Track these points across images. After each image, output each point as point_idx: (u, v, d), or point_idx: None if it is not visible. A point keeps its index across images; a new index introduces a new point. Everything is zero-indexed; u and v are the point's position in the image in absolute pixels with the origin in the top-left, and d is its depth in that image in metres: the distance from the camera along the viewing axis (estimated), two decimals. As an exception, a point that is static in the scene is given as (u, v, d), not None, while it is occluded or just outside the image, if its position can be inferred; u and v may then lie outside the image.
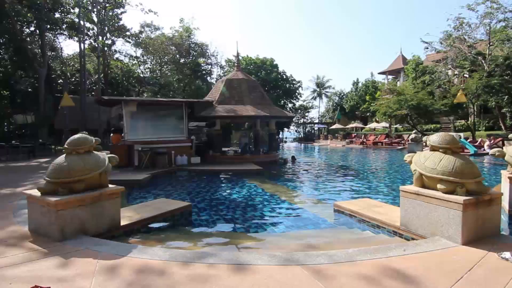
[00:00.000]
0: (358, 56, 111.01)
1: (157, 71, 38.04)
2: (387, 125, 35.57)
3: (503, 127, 25.69)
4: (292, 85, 39.68)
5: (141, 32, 33.58)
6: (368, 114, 42.03)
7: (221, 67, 40.31)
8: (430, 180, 4.08)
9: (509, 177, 5.49)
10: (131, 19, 74.52)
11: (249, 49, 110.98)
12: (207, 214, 6.44)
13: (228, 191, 8.87)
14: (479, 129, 28.10)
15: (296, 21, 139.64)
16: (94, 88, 29.72)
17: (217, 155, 15.08)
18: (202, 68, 38.69)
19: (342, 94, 52.51)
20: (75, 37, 26.64)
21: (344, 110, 48.57)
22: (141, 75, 36.26)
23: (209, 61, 39.41)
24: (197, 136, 18.30)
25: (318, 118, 54.07)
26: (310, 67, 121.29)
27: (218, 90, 16.44)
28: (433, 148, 4.30)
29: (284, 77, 38.97)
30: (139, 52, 35.73)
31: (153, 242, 4.51)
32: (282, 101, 38.70)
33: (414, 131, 24.15)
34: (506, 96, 24.99)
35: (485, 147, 20.52)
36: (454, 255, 3.38)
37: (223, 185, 9.99)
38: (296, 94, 40.83)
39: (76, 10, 25.58)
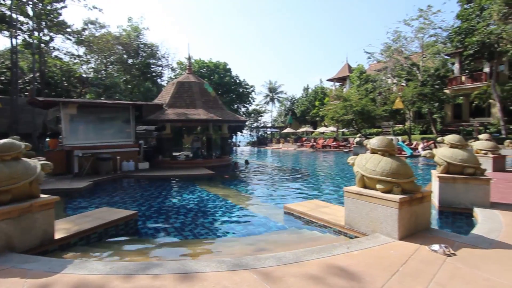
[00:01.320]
0: (308, 64, 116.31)
1: (102, 71, 35.59)
2: (335, 129, 37.61)
3: (434, 131, 28.73)
4: (245, 90, 39.98)
5: (84, 29, 31.14)
6: (317, 118, 44.03)
7: (173, 69, 39.11)
8: (371, 180, 4.36)
9: (438, 176, 6.10)
10: (73, 15, 68.79)
11: (203, 52, 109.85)
12: (155, 222, 6.12)
13: (178, 197, 8.55)
14: (414, 133, 31.09)
15: (249, 28, 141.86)
16: (28, 88, 26.73)
17: (167, 160, 14.52)
18: (152, 69, 37.19)
19: (293, 99, 54.35)
20: (5, 31, 23.73)
21: (295, 114, 50.31)
22: (84, 75, 33.61)
23: (160, 62, 38.04)
24: (145, 140, 17.45)
25: (271, 122, 55.29)
26: (263, 72, 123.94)
27: (168, 92, 15.89)
28: (373, 151, 4.60)
29: (238, 81, 39.13)
30: (81, 50, 33.10)
31: (93, 256, 4.14)
32: (236, 105, 38.79)
33: (358, 135, 25.89)
34: (437, 103, 28.10)
35: (420, 149, 22.71)
36: (392, 250, 3.63)
37: (173, 191, 9.62)
38: (249, 98, 41.23)
39: (8, 1, 22.91)
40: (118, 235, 5.09)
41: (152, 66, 36.90)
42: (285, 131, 43.90)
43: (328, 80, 48.14)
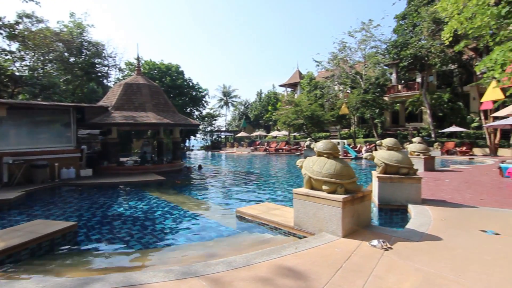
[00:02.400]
0: (262, 69, 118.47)
1: (39, 69, 32.30)
2: (287, 133, 38.78)
3: (375, 135, 31.17)
4: (198, 93, 39.34)
5: (18, 23, 27.93)
6: (270, 122, 45.02)
7: (120, 70, 36.94)
8: (317, 182, 4.57)
9: (377, 176, 6.61)
10: (5, 6, 61.40)
11: (154, 54, 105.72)
12: (98, 233, 5.69)
13: (125, 205, 8.07)
14: (359, 136, 33.39)
15: (203, 32, 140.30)
16: None
17: (113, 166, 13.64)
18: (98, 69, 34.74)
19: (247, 104, 54.95)
20: None
21: (249, 118, 50.87)
22: (17, 74, 30.15)
23: (106, 62, 35.68)
24: (89, 145, 16.22)
25: (225, 126, 55.14)
26: (217, 77, 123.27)
27: (115, 94, 14.98)
28: (319, 154, 4.84)
29: (191, 84, 38.35)
30: (15, 46, 29.67)
31: (23, 274, 3.72)
32: (189, 109, 37.97)
33: (308, 139, 27.04)
34: (378, 109, 30.59)
35: (363, 151, 24.43)
36: (336, 247, 3.83)
37: (119, 199, 9.05)
38: (203, 102, 40.67)
39: None
40: (54, 250, 4.63)
41: (97, 65, 34.44)
42: (239, 135, 44.10)
43: (281, 85, 49.59)
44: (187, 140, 41.58)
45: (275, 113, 36.37)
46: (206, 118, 46.37)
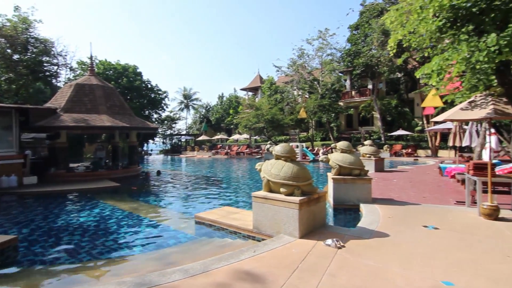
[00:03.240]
0: (224, 72, 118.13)
1: (-25, 66, 28.92)
2: (248, 136, 39.02)
3: (332, 138, 32.59)
4: (158, 95, 38.03)
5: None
6: (232, 126, 44.96)
7: (72, 69, 34.43)
8: (275, 185, 4.67)
9: (332, 178, 6.92)
10: None
11: (111, 55, 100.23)
12: (42, 247, 5.23)
13: (74, 215, 7.51)
14: (316, 139, 34.68)
15: (164, 33, 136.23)
16: None
17: (62, 173, 12.66)
18: (46, 68, 32.03)
19: (208, 107, 54.29)
20: None
21: (210, 122, 50.31)
22: None
23: (55, 61, 33.02)
24: (34, 150, 14.90)
25: (186, 129, 53.91)
26: (177, 79, 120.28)
27: (65, 95, 13.95)
28: (277, 157, 4.95)
29: (149, 86, 36.95)
30: None
31: None
32: (147, 111, 36.55)
33: (269, 142, 27.47)
34: (333, 114, 32.10)
35: (320, 154, 25.39)
36: (293, 249, 3.94)
37: (67, 208, 8.41)
38: (162, 104, 39.38)
39: None
40: (-12, 267, 4.17)
41: (45, 64, 31.72)
42: (200, 138, 43.39)
43: (242, 89, 49.87)
44: (145, 144, 39.92)
45: (236, 116, 36.42)
46: (165, 121, 44.96)
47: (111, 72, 33.79)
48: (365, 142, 14.70)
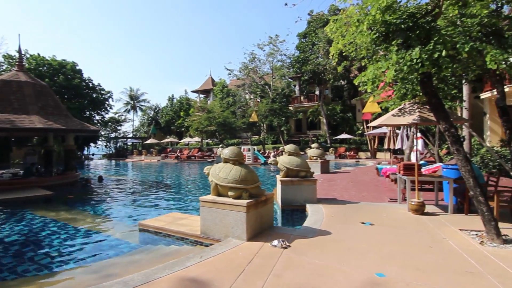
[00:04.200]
0: (174, 74, 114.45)
1: None
2: (200, 139, 38.36)
3: (282, 141, 33.58)
4: (100, 95, 35.44)
5: None
6: (183, 129, 43.77)
7: (-5, 63, 30.53)
8: (224, 188, 4.65)
9: (280, 180, 7.12)
10: None
11: (47, 50, 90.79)
12: (-48, 267, 4.51)
13: (-3, 228, 6.63)
14: (268, 143, 35.43)
15: (110, 31, 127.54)
16: None
17: (-18, 180, 11.09)
18: (-40, 61, 27.93)
19: (157, 109, 52.15)
20: None
21: (159, 124, 48.35)
22: None
23: (-27, 53, 28.97)
24: None
25: (132, 132, 51.03)
26: (123, 78, 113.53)
27: (-16, 93, 12.27)
28: (226, 160, 4.94)
29: (91, 85, 34.27)
30: None
31: None
32: (88, 112, 33.84)
33: (221, 145, 27.32)
34: (284, 118, 33.11)
35: (271, 157, 25.96)
36: (240, 252, 3.95)
37: (-12, 221, 7.38)
38: (106, 105, 36.79)
39: None
40: None
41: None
42: (148, 142, 41.37)
43: (193, 91, 48.90)
44: (86, 148, 36.85)
45: (187, 119, 35.59)
46: (109, 123, 42.09)
47: (45, 68, 30.65)
48: (312, 145, 15.41)
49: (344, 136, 28.86)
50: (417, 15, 4.74)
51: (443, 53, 4.05)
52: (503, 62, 4.16)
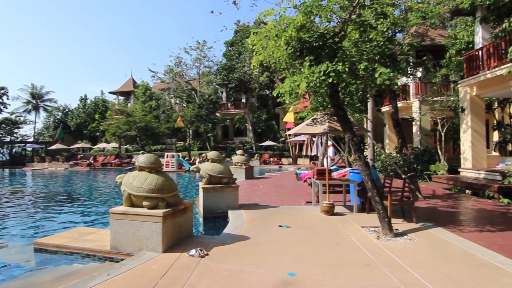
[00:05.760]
0: (89, 71, 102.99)
1: None
2: (118, 145, 35.36)
3: (209, 147, 33.29)
4: (-10, 92, 29.84)
5: None
6: (97, 133, 39.71)
7: None
8: (138, 198, 4.35)
9: (202, 187, 7.02)
10: None
11: None
12: None
13: None
14: (194, 149, 34.67)
15: (3, 13, 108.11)
16: None
17: None
18: None
19: (67, 110, 46.21)
20: None
21: (69, 128, 42.86)
22: None
23: None
24: None
25: (34, 136, 44.05)
26: (24, 73, 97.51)
27: None
28: (141, 168, 4.64)
29: (-24, 79, 28.65)
30: None
31: None
32: (-28, 112, 28.11)
33: (141, 152, 25.63)
34: (210, 124, 32.95)
35: (197, 163, 25.47)
36: (154, 265, 3.73)
37: None
38: (-2, 104, 31.10)
39: None
40: None
41: None
42: (53, 147, 36.14)
43: (111, 92, 44.90)
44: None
45: (103, 122, 32.43)
46: (3, 125, 35.63)
47: None
48: (237, 152, 15.67)
49: (268, 143, 30.17)
50: (326, 35, 5.28)
51: (340, 68, 4.58)
52: (393, 81, 4.93)
